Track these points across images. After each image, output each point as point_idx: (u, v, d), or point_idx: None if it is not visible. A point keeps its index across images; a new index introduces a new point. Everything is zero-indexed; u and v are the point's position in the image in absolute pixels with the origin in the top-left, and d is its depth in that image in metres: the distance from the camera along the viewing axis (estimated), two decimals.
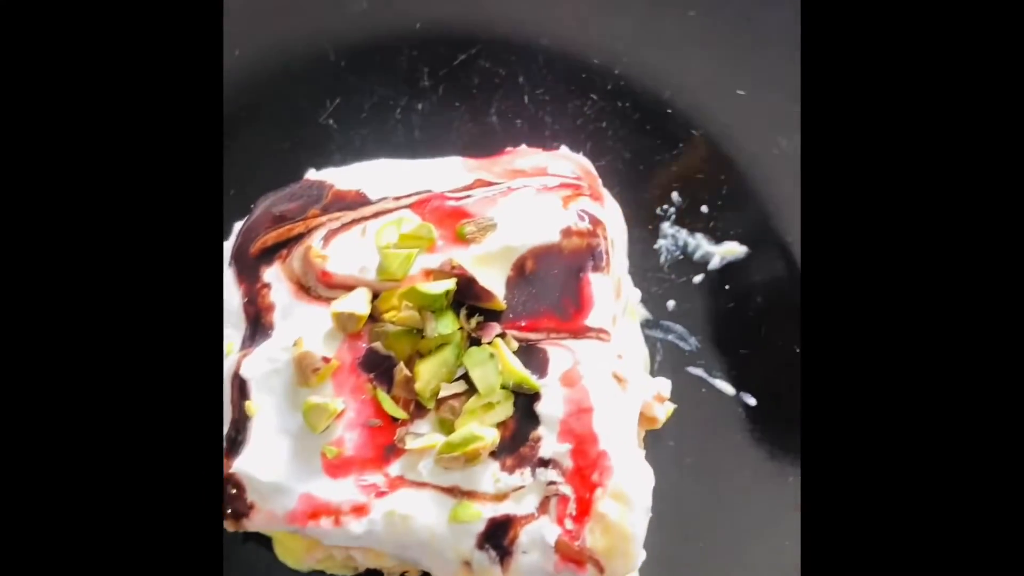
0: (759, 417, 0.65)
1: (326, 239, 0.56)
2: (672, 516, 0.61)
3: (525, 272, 0.56)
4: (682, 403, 0.64)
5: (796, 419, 0.64)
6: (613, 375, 0.54)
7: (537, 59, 0.72)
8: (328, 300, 0.55)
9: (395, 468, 0.52)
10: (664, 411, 0.59)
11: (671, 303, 0.68)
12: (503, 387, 0.52)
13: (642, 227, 0.69)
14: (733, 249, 0.68)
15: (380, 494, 0.52)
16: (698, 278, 0.68)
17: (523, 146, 0.63)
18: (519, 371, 0.52)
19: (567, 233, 0.56)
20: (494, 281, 0.55)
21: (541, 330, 0.54)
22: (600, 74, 0.72)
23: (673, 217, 0.70)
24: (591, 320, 0.54)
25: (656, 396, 0.59)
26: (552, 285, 0.55)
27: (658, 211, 0.70)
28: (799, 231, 0.68)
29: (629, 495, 0.51)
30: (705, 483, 0.63)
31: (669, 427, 0.63)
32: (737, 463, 0.64)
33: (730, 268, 0.68)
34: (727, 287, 0.68)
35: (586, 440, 0.52)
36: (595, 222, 0.57)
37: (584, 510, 0.51)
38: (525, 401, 0.53)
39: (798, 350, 0.66)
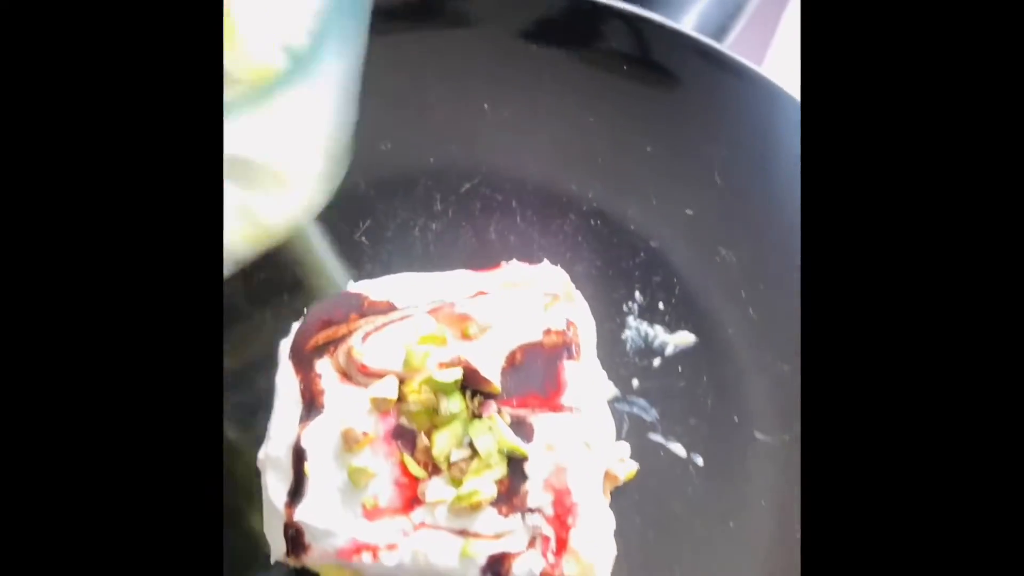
0: (705, 474, 0.80)
1: (364, 338, 0.73)
2: (635, 554, 0.76)
3: (515, 362, 0.72)
4: (644, 463, 0.80)
5: (735, 475, 0.80)
6: (584, 442, 0.70)
7: (527, 187, 0.91)
8: (366, 386, 0.70)
9: (418, 515, 0.67)
10: (625, 469, 0.75)
11: (635, 382, 0.84)
12: (499, 452, 0.68)
13: (611, 321, 0.86)
14: (685, 338, 0.85)
15: (407, 535, 0.67)
16: (657, 361, 0.85)
17: (514, 260, 0.80)
18: (510, 440, 0.68)
19: (547, 332, 0.72)
20: (491, 370, 0.71)
21: (528, 407, 0.70)
22: (576, 198, 0.90)
23: (636, 312, 0.87)
24: (566, 399, 0.70)
25: (618, 459, 0.75)
26: (536, 372, 0.71)
27: (624, 307, 0.87)
28: (738, 323, 0.86)
29: (595, 535, 0.67)
30: (662, 527, 0.77)
31: (634, 483, 0.79)
32: (688, 511, 0.78)
33: (682, 353, 0.85)
34: (680, 368, 0.85)
35: (563, 493, 0.67)
36: (569, 323, 0.74)
37: (562, 546, 0.66)
38: (516, 462, 0.68)
39: (736, 419, 0.82)
